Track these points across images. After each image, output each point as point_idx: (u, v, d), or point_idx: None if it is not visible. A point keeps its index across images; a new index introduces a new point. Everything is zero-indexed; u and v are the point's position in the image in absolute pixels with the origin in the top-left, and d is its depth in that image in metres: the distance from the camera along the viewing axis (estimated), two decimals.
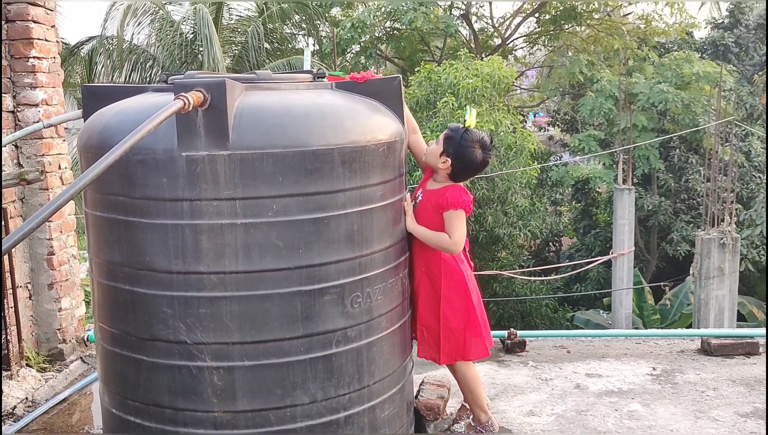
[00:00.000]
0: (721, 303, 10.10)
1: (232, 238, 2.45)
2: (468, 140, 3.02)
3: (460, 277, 3.04)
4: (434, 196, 3.04)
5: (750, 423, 3.49)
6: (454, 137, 3.02)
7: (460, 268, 3.06)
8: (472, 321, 3.06)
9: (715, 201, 11.23)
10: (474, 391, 3.21)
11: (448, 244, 2.99)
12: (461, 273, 3.05)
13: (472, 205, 3.07)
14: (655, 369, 4.18)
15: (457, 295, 3.04)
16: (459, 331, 3.06)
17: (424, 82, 14.08)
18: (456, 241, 2.99)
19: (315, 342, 2.59)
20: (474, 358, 3.13)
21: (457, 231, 2.99)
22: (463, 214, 3.02)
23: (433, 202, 3.03)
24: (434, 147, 3.07)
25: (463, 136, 3.02)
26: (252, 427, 2.56)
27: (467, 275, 3.08)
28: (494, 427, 3.20)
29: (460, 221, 3.01)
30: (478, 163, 3.06)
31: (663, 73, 15.56)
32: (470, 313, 3.05)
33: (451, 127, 3.08)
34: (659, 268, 17.64)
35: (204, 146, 2.40)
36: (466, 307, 3.05)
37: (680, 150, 16.59)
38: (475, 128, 3.07)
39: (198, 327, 2.50)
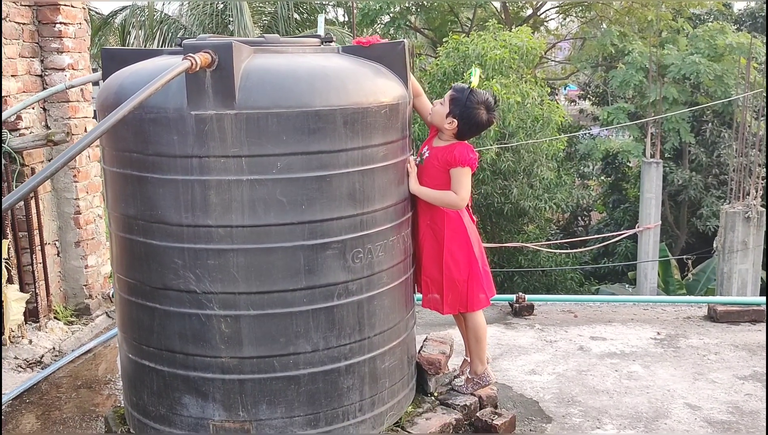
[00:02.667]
0: (744, 277, 10.04)
1: (239, 193, 2.59)
2: (473, 101, 3.09)
3: (462, 230, 3.14)
4: (441, 153, 3.13)
5: (747, 385, 3.56)
6: (460, 99, 3.10)
7: (463, 221, 3.15)
8: (474, 272, 3.16)
9: (746, 175, 11.09)
10: (479, 342, 3.30)
11: (454, 199, 3.09)
12: (464, 226, 3.15)
13: (477, 163, 3.16)
14: (659, 333, 4.26)
15: (459, 247, 3.14)
16: (462, 282, 3.16)
17: (451, 53, 14.04)
18: (463, 197, 3.09)
19: (317, 294, 2.72)
20: (475, 309, 3.23)
21: (463, 187, 3.09)
22: (469, 171, 3.11)
23: (440, 159, 3.12)
24: (440, 108, 3.15)
25: (468, 97, 3.09)
26: (257, 373, 2.72)
27: (469, 228, 3.18)
28: (490, 378, 3.32)
29: (467, 178, 3.10)
30: (483, 123, 3.15)
31: (696, 44, 15.27)
32: (472, 264, 3.16)
33: (456, 88, 3.16)
34: (689, 243, 17.47)
35: (212, 105, 2.52)
36: (468, 259, 3.15)
37: (713, 124, 16.32)
38: (479, 88, 3.14)
39: (207, 277, 2.65)
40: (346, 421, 2.85)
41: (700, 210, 16.37)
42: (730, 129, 16.06)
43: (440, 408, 3.19)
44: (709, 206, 16.00)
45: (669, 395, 3.47)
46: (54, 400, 3.61)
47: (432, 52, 19.19)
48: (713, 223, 15.60)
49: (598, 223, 19.02)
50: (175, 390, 2.78)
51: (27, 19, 4.21)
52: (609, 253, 16.60)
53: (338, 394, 2.81)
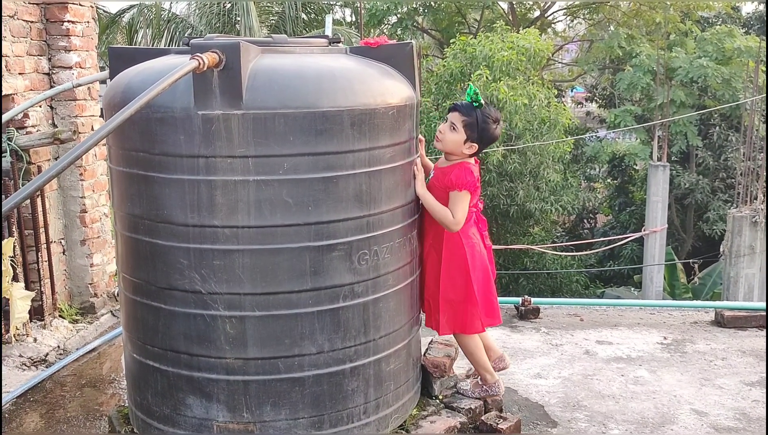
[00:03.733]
0: (750, 281, 9.99)
1: (245, 194, 2.58)
2: (487, 121, 3.06)
3: (461, 253, 3.09)
4: (443, 174, 3.09)
5: (755, 392, 3.54)
6: (473, 123, 3.04)
7: (463, 243, 3.09)
8: (469, 297, 3.11)
9: (753, 179, 11.05)
10: (476, 359, 3.28)
11: (450, 221, 3.02)
12: (462, 248, 3.09)
13: (478, 184, 3.10)
14: (666, 338, 4.23)
15: (457, 270, 3.10)
16: (457, 304, 3.12)
17: (459, 55, 14.03)
18: (457, 221, 3.03)
19: (323, 295, 2.71)
20: (468, 332, 3.18)
21: (459, 211, 3.02)
22: (466, 196, 3.04)
23: (441, 181, 3.08)
24: (454, 136, 3.06)
25: (482, 118, 3.05)
26: (261, 374, 2.71)
27: (471, 251, 3.11)
28: (499, 390, 3.29)
29: (463, 202, 3.04)
30: (497, 137, 3.14)
31: (704, 47, 15.22)
32: (468, 288, 3.11)
33: (464, 111, 3.07)
34: (695, 247, 17.42)
35: (219, 105, 2.51)
36: (465, 283, 3.10)
37: (720, 127, 16.26)
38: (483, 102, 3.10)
39: (212, 278, 2.64)
40: (350, 424, 2.84)
41: (706, 214, 16.32)
42: (737, 133, 16.01)
43: (445, 411, 3.18)
44: (716, 210, 15.94)
45: (675, 401, 3.45)
46: (58, 399, 3.60)
47: (439, 53, 19.18)
48: (720, 226, 15.53)
49: (603, 226, 18.97)
50: (179, 390, 2.77)
51: (35, 17, 4.21)
52: (615, 256, 16.56)
53: (343, 397, 2.80)
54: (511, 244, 14.41)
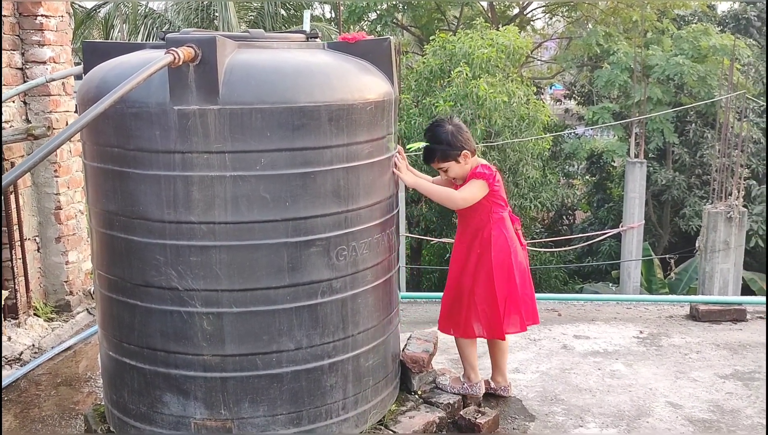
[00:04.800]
0: (725, 276, 10.13)
1: (222, 189, 2.56)
2: (446, 133, 3.15)
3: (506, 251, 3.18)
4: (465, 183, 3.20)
5: (728, 384, 3.59)
6: (446, 149, 3.14)
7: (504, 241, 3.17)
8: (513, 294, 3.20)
9: (728, 175, 11.19)
10: (462, 357, 3.36)
11: (454, 196, 3.13)
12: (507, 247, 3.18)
13: (493, 180, 3.17)
14: (642, 332, 4.28)
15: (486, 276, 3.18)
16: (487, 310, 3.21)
17: (438, 51, 14.04)
18: (463, 197, 3.13)
19: (301, 292, 2.70)
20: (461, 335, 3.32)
21: (468, 191, 3.13)
22: (482, 184, 3.13)
23: None
24: (454, 169, 3.17)
25: (444, 139, 3.14)
26: (239, 371, 2.70)
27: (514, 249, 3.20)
28: (479, 391, 3.31)
29: (475, 187, 3.13)
30: (462, 126, 3.21)
31: (680, 45, 15.38)
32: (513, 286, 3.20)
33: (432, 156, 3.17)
34: (671, 242, 17.60)
35: (195, 100, 2.49)
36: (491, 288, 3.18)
37: (696, 124, 16.44)
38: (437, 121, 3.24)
39: (189, 274, 2.62)
40: (329, 420, 2.84)
41: (683, 210, 16.49)
42: (713, 130, 16.20)
43: (424, 406, 3.19)
44: (692, 206, 16.12)
45: (651, 394, 3.49)
46: (33, 398, 3.56)
47: (419, 50, 19.20)
48: (696, 222, 15.71)
49: (582, 222, 19.10)
50: (156, 388, 2.75)
51: (8, 11, 4.15)
52: (593, 252, 16.69)
53: (321, 393, 2.80)
54: None
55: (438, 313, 4.51)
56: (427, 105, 13.49)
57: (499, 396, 3.46)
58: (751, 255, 14.84)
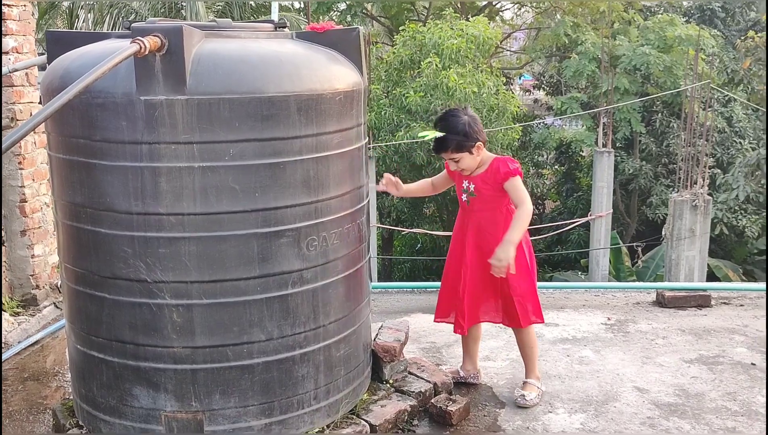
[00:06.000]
0: (691, 263, 10.33)
1: (190, 180, 2.54)
2: (462, 124, 3.13)
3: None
4: (487, 177, 3.19)
5: (693, 368, 3.67)
6: (461, 140, 3.13)
7: None
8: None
9: (693, 164, 11.39)
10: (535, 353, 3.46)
11: (527, 210, 3.15)
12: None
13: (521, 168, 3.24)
14: (609, 319, 4.35)
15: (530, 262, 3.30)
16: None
17: (408, 42, 14.05)
18: (529, 201, 3.19)
19: (271, 282, 2.70)
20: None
21: (524, 193, 3.17)
22: (520, 179, 3.18)
23: (490, 183, 3.18)
24: (466, 161, 3.17)
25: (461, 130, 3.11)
26: (210, 362, 2.68)
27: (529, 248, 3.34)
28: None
29: (521, 185, 3.18)
30: (475, 117, 3.21)
31: (646, 35, 15.58)
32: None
33: (446, 146, 3.15)
34: (639, 231, 17.88)
35: (162, 91, 2.47)
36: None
37: (662, 114, 16.69)
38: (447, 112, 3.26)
39: (158, 266, 2.60)
40: (300, 410, 2.84)
41: (649, 198, 16.76)
42: (678, 119, 16.46)
43: (395, 395, 3.21)
44: (659, 195, 16.38)
45: (618, 379, 3.55)
46: None
47: (388, 41, 19.17)
48: (662, 211, 15.97)
49: (551, 212, 19.31)
50: (126, 381, 2.73)
51: None
52: (562, 241, 16.89)
53: (293, 383, 2.80)
54: None
55: (411, 303, 4.55)
56: (397, 96, 13.49)
57: (470, 384, 3.50)
58: (716, 242, 15.15)
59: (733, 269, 15.10)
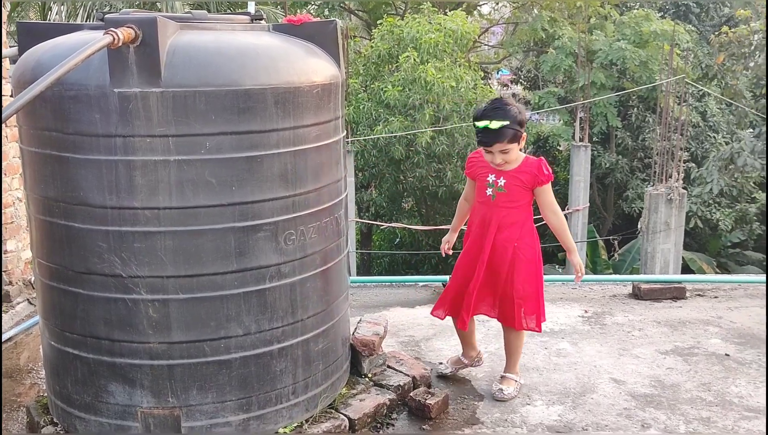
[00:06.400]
0: (666, 256, 10.46)
1: (166, 174, 2.51)
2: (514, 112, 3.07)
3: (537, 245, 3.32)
4: (521, 175, 3.16)
5: (669, 359, 3.71)
6: (515, 130, 3.06)
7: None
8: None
9: (668, 159, 11.52)
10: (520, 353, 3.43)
11: (562, 217, 3.22)
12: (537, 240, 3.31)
13: None
14: (586, 311, 4.38)
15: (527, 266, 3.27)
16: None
17: (386, 36, 14.04)
18: (556, 207, 3.24)
19: (249, 277, 2.68)
20: None
21: (552, 198, 3.22)
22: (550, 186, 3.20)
23: (524, 181, 3.16)
24: (513, 152, 3.12)
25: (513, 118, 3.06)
26: (187, 358, 2.66)
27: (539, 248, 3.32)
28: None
29: (551, 191, 3.22)
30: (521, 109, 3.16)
31: (622, 30, 15.70)
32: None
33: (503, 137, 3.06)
34: (615, 224, 18.06)
35: (136, 83, 2.44)
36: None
37: (638, 109, 16.86)
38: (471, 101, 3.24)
39: (133, 261, 2.57)
40: (279, 405, 2.83)
41: (626, 192, 16.93)
42: (654, 114, 16.63)
43: (374, 389, 3.20)
44: (635, 189, 16.56)
45: (595, 371, 3.58)
46: None
47: (366, 35, 19.12)
48: (638, 205, 16.14)
49: None
50: (101, 377, 2.70)
51: None
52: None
53: (271, 378, 2.79)
54: (440, 224, 14.57)
55: (390, 297, 4.55)
56: (375, 90, 13.48)
57: (449, 377, 3.50)
58: (691, 235, 15.35)
59: (707, 262, 15.31)
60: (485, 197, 3.23)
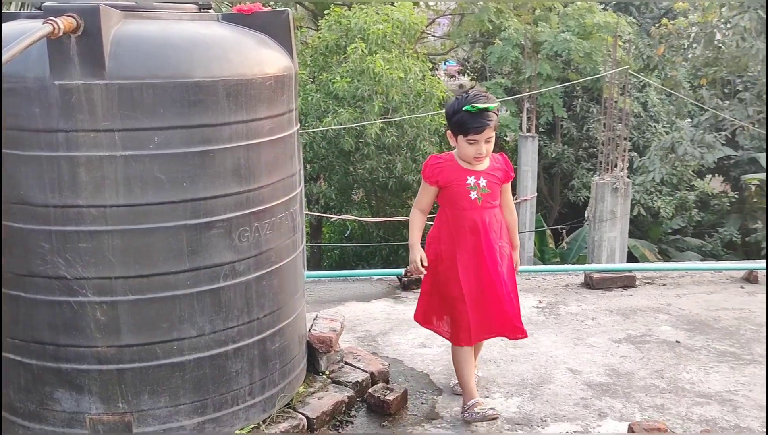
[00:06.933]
0: (612, 244, 10.68)
1: (112, 170, 2.40)
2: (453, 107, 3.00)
3: None
4: (496, 171, 3.07)
5: (622, 348, 3.76)
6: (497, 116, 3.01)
7: None
8: None
9: (613, 148, 11.75)
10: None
11: (516, 214, 3.19)
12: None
13: None
14: (540, 302, 4.41)
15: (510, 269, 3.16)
16: None
17: (333, 26, 13.91)
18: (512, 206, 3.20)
19: (202, 276, 2.59)
20: None
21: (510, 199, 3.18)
22: None
23: (500, 178, 3.07)
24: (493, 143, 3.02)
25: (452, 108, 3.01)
26: (138, 361, 2.56)
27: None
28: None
29: None
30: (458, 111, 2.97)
31: (566, 22, 15.94)
32: None
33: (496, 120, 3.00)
34: (562, 213, 18.39)
35: (79, 75, 2.32)
36: None
37: (582, 99, 17.16)
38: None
39: (78, 262, 2.45)
40: (235, 406, 2.75)
41: (571, 182, 17.23)
42: (598, 104, 16.96)
43: (332, 386, 3.15)
44: (580, 178, 16.87)
45: (552, 361, 3.60)
46: None
47: (313, 25, 18.94)
48: (584, 194, 16.46)
49: None
50: (46, 384, 2.57)
51: None
52: None
53: (226, 379, 2.70)
54: (390, 216, 14.57)
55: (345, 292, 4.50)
56: (324, 81, 13.36)
57: (408, 372, 3.48)
58: (633, 223, 15.72)
59: (649, 248, 15.73)
60: (470, 202, 2.99)
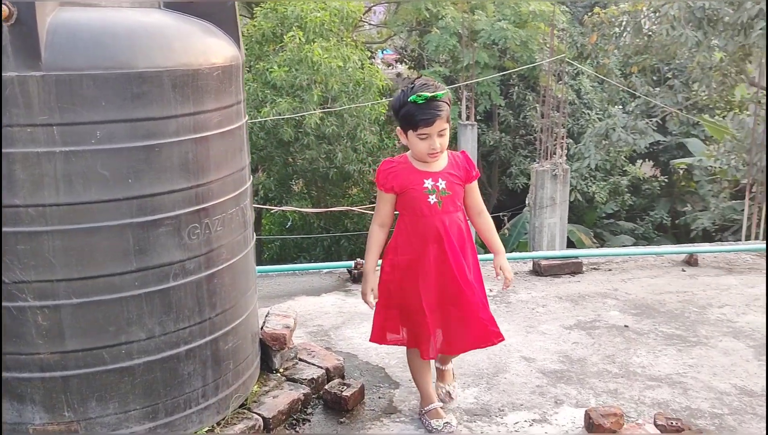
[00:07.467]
0: (552, 230, 10.89)
1: (51, 167, 2.26)
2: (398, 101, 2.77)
3: None
4: (455, 171, 2.82)
5: (573, 334, 3.81)
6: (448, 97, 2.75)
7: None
8: None
9: (549, 136, 11.96)
10: None
11: (489, 217, 3.00)
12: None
13: None
14: (491, 290, 4.42)
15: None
16: None
17: (269, 14, 13.68)
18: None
19: (150, 276, 2.47)
20: None
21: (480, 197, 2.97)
22: None
23: (460, 178, 2.81)
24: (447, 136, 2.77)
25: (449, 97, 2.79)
26: (84, 367, 2.43)
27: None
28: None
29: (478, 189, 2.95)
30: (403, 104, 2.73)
31: (502, 11, 16.10)
32: None
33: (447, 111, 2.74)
34: (500, 200, 18.65)
35: (12, 66, 2.17)
36: None
37: (519, 87, 17.39)
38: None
39: (16, 265, 2.31)
40: (188, 410, 2.65)
41: (509, 169, 17.48)
42: (534, 92, 17.22)
43: (287, 384, 3.08)
44: (518, 165, 17.13)
45: (506, 350, 3.61)
46: None
47: (247, 13, 18.59)
48: (522, 180, 16.72)
49: None
50: None
51: None
52: None
53: (178, 382, 2.60)
54: (331, 206, 14.50)
55: (294, 286, 4.42)
56: (260, 70, 13.14)
57: (363, 366, 3.43)
58: (570, 209, 16.07)
59: (585, 233, 16.12)
60: (429, 207, 2.76)
